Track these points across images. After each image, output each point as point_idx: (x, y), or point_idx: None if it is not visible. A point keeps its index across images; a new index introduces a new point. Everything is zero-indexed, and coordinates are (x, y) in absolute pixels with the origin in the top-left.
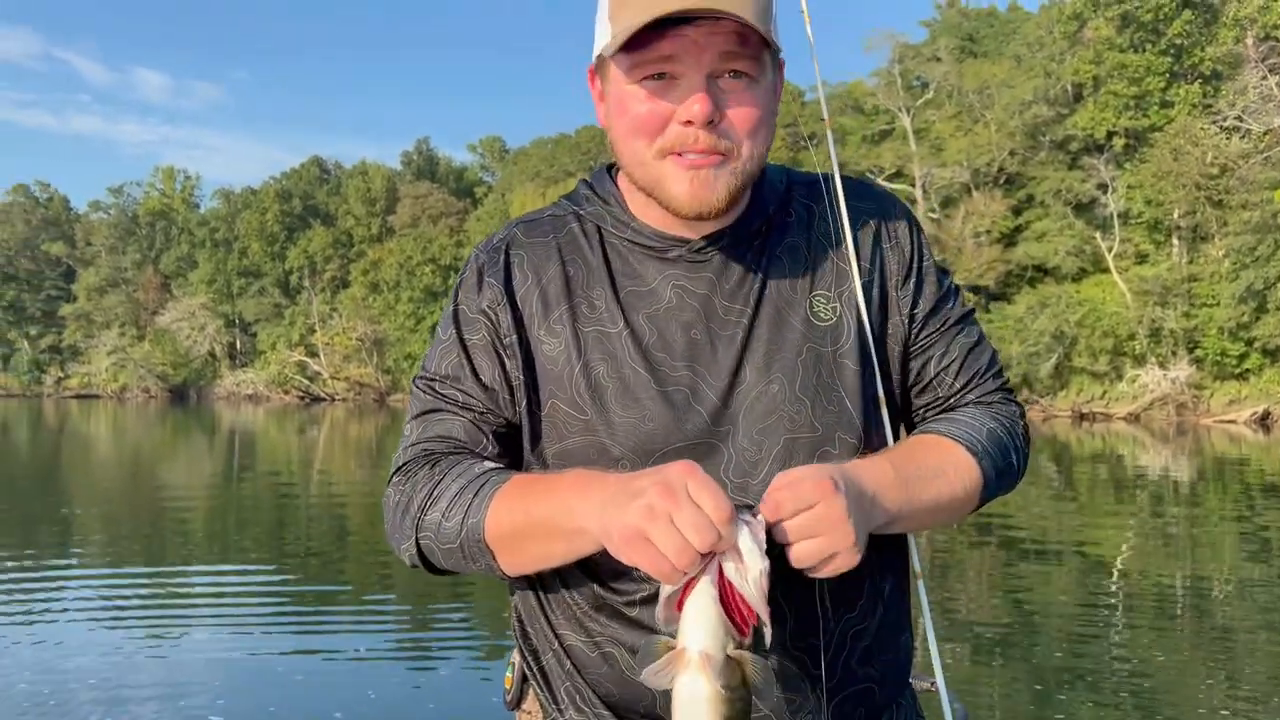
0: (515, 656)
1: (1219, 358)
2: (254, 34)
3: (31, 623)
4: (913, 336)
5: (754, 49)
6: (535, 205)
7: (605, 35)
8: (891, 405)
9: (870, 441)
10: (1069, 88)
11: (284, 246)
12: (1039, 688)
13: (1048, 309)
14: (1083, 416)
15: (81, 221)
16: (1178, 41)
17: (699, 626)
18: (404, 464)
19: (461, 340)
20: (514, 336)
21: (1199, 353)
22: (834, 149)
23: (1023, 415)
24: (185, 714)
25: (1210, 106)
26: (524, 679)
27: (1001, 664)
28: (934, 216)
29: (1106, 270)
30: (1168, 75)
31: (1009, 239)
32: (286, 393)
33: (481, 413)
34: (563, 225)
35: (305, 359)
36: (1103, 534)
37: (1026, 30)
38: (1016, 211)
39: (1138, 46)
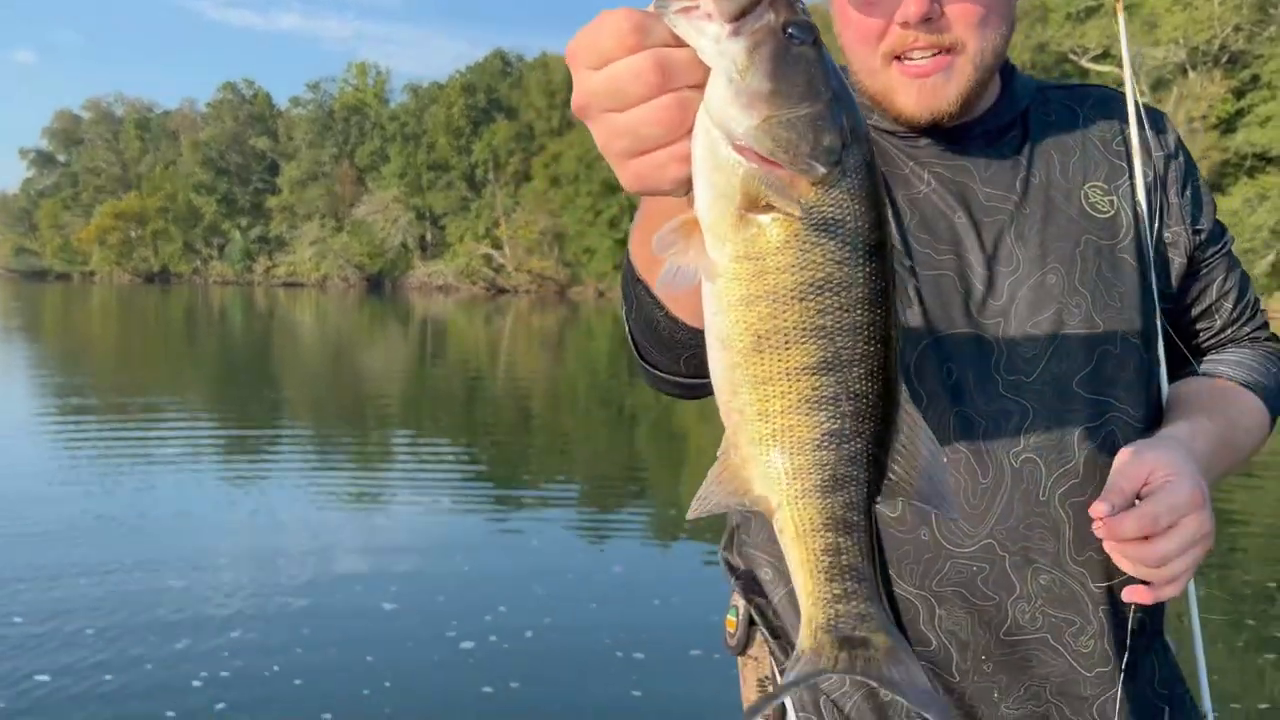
0: (738, 599)
1: None
2: None
3: (249, 488)
4: (1195, 254)
5: None
6: None
7: None
8: (1167, 313)
9: (1151, 347)
10: None
11: (469, 140)
12: None
13: (1267, 201)
14: None
15: (283, 117)
16: None
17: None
18: None
19: None
20: None
21: None
22: (1124, 25)
23: None
24: (384, 569)
25: None
26: (750, 623)
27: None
28: (1143, 100)
29: None
30: None
31: (1228, 124)
32: (474, 284)
33: None
34: None
35: (491, 251)
36: None
37: None
38: (1238, 94)
39: None
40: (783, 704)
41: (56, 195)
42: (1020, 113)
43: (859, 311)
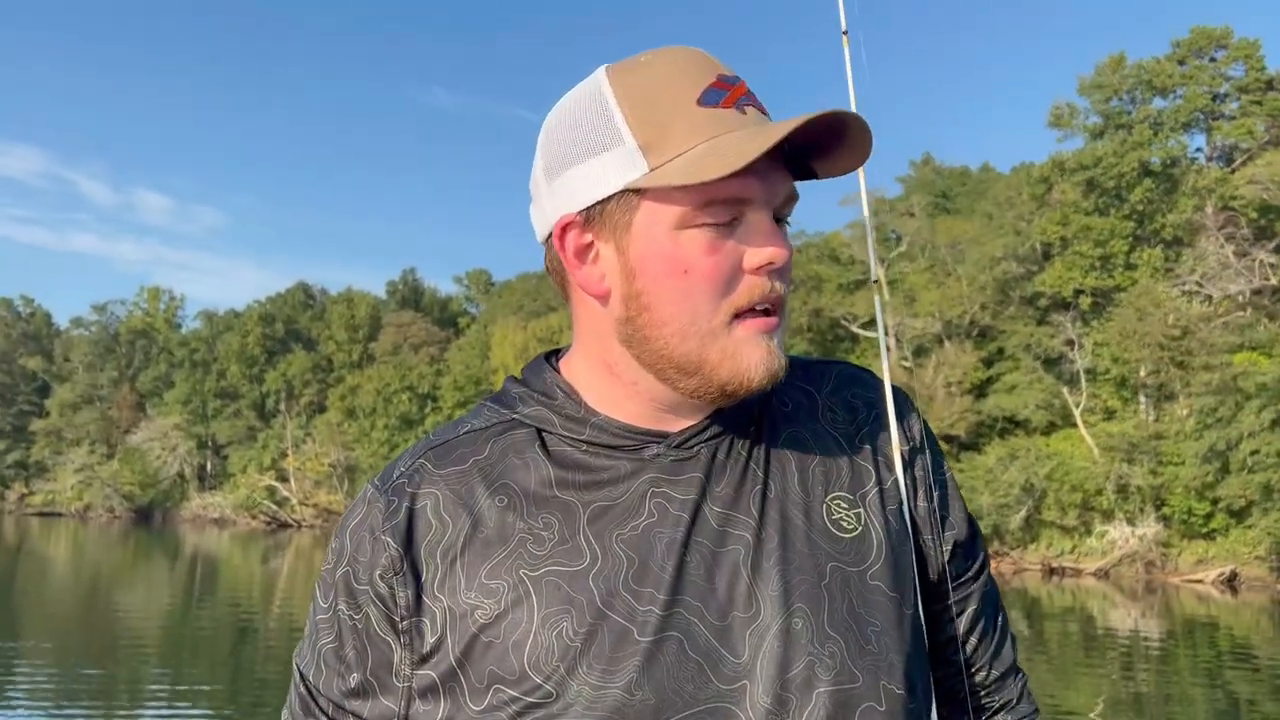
0: None
1: (1186, 516)
2: (259, 161)
3: None
4: (945, 570)
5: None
6: (516, 338)
7: (632, 164)
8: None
9: (915, 694)
10: (1038, 246)
11: (263, 369)
12: None
13: (1017, 461)
14: (1052, 570)
15: (62, 337)
16: (1140, 208)
17: None
18: None
19: (341, 622)
20: (416, 619)
21: (1166, 510)
22: (884, 338)
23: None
24: None
25: (1172, 270)
26: None
27: None
28: (906, 365)
29: (1075, 425)
30: (1131, 239)
31: (980, 390)
32: (254, 517)
33: None
34: (487, 441)
35: (275, 483)
36: (1073, 692)
37: (997, 190)
38: (988, 363)
39: (1102, 210)
40: None
41: None
42: (758, 402)
43: None
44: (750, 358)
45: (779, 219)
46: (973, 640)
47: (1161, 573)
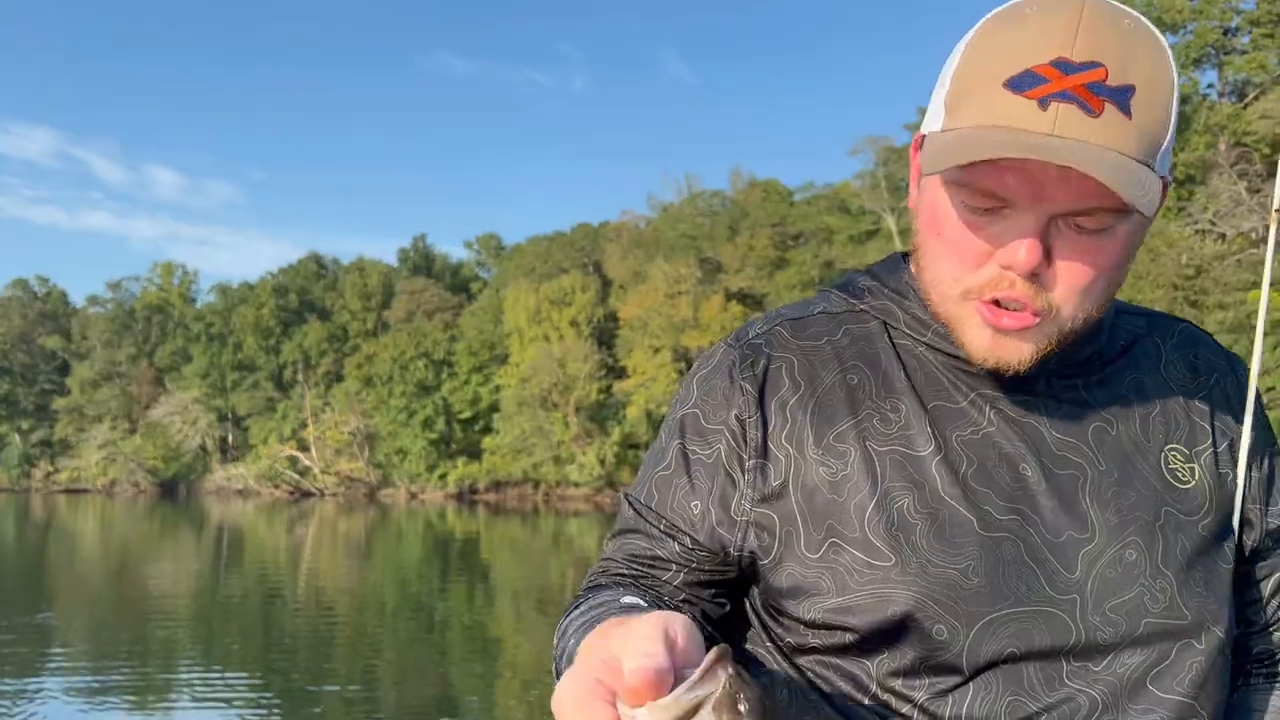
0: None
1: None
2: (269, 134)
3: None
4: (1264, 542)
5: (1120, 199)
6: (528, 301)
7: (937, 117)
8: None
9: (1227, 642)
10: None
11: (279, 341)
12: None
13: None
14: None
15: (79, 315)
16: None
17: None
18: (584, 588)
19: (685, 455)
20: (762, 461)
21: None
22: (1268, 279)
23: None
24: None
25: (1184, 209)
26: None
27: None
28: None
29: None
30: None
31: None
32: (276, 487)
33: (689, 547)
34: (839, 325)
35: (296, 453)
36: None
37: None
38: None
39: None
40: None
41: None
42: (1099, 346)
43: None
44: (973, 338)
45: (1080, 226)
46: (1273, 604)
47: None
